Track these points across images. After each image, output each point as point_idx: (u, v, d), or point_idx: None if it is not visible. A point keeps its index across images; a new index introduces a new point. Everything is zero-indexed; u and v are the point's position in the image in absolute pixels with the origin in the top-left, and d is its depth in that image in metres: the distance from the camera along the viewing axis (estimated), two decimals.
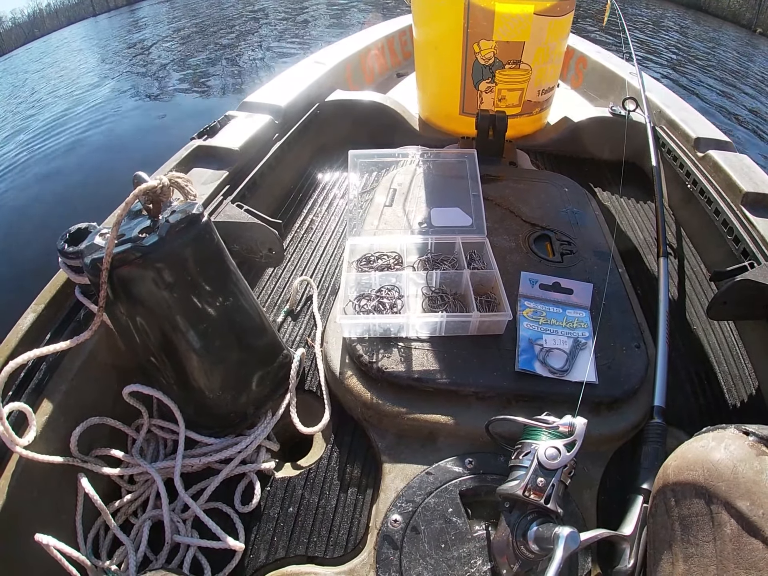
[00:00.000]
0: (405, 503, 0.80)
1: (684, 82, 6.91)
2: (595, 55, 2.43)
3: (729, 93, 6.71)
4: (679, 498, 0.61)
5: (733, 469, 0.55)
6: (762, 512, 0.51)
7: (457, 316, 0.94)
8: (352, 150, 1.20)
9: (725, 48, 9.46)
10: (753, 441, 0.58)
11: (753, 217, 1.25)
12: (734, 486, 0.54)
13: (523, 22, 1.54)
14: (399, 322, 0.94)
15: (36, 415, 0.79)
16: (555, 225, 1.24)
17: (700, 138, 1.57)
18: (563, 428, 0.70)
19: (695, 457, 0.61)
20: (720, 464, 0.57)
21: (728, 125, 5.42)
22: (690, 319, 1.25)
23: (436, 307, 1.00)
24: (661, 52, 8.32)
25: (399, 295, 1.02)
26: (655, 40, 9.18)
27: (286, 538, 0.83)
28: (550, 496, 0.67)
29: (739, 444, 0.58)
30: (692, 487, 0.59)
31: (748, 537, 0.52)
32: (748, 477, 0.54)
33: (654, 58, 7.82)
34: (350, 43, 2.46)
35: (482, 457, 0.85)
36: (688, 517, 0.59)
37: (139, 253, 0.72)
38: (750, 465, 0.55)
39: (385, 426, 0.91)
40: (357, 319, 0.95)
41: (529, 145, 1.86)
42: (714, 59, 8.38)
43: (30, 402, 0.79)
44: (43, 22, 14.74)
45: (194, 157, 1.34)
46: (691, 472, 0.59)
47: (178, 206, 0.78)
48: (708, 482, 0.57)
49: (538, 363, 0.90)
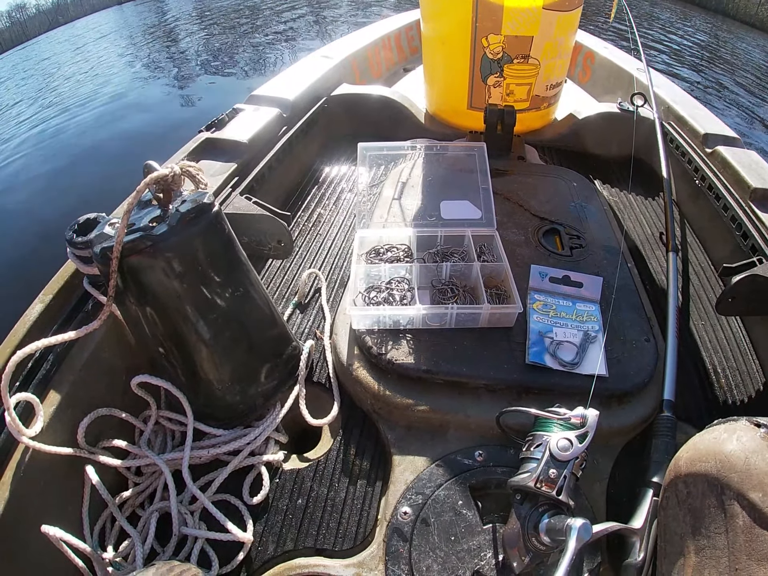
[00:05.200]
0: (415, 495, 0.80)
1: (694, 78, 6.89)
2: (602, 51, 2.41)
3: (739, 89, 6.68)
4: (691, 490, 0.60)
5: (746, 461, 0.55)
6: None
7: (468, 308, 0.94)
8: (362, 143, 1.20)
9: (735, 45, 9.41)
10: (765, 433, 0.57)
11: (761, 213, 1.25)
12: (747, 477, 0.54)
13: (531, 17, 1.53)
14: (409, 314, 0.94)
15: (43, 405, 0.78)
16: (564, 219, 1.24)
17: (709, 134, 1.57)
18: (575, 419, 0.70)
19: (707, 449, 0.60)
20: (732, 455, 0.56)
21: (738, 121, 5.40)
22: (699, 314, 1.24)
23: (446, 299, 0.99)
24: (673, 49, 8.30)
25: (409, 287, 1.01)
26: (669, 37, 9.16)
27: (295, 530, 0.82)
28: (562, 488, 0.67)
29: (751, 436, 0.57)
30: (704, 479, 0.58)
31: (760, 529, 0.51)
32: (761, 468, 0.53)
33: (665, 55, 7.79)
34: (358, 37, 2.46)
35: (492, 449, 0.85)
36: (700, 508, 0.58)
37: (150, 242, 0.71)
38: (762, 456, 0.54)
39: (394, 418, 0.91)
40: (367, 310, 0.94)
41: (537, 140, 1.86)
42: (726, 56, 8.35)
43: (37, 392, 0.79)
44: (67, 9, 14.84)
45: (203, 150, 1.34)
46: (704, 464, 0.59)
47: (188, 196, 0.78)
48: (720, 473, 0.56)
49: (549, 356, 0.89)
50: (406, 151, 1.26)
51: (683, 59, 7.92)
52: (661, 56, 7.77)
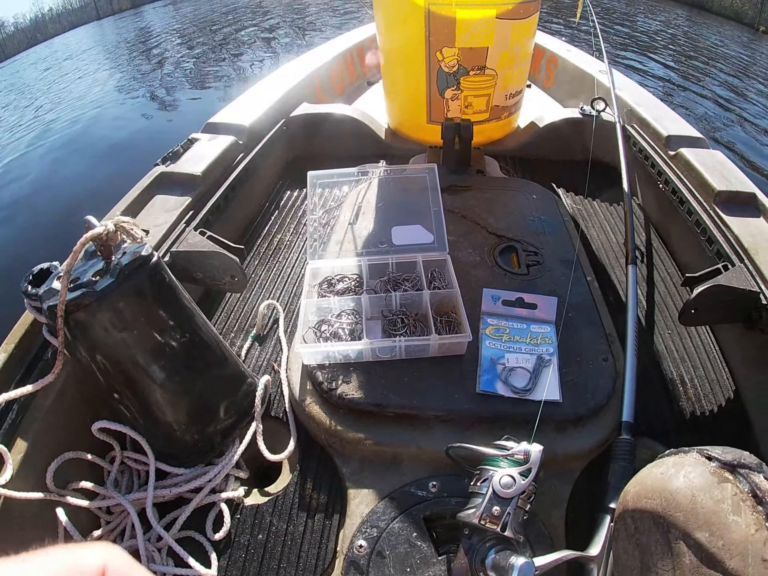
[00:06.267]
0: (370, 528, 0.80)
1: (667, 74, 6.90)
2: (565, 54, 2.40)
3: (714, 83, 6.71)
4: (638, 525, 0.59)
5: (692, 499, 0.54)
6: (722, 543, 0.50)
7: (416, 340, 0.93)
8: (311, 171, 1.19)
9: (714, 41, 9.45)
10: (715, 467, 0.56)
11: (726, 216, 1.23)
12: (692, 516, 0.53)
13: (485, 28, 1.53)
14: (358, 348, 0.93)
15: (11, 453, 0.80)
16: (522, 235, 1.23)
17: (672, 136, 1.55)
18: (519, 455, 0.70)
19: (654, 485, 0.59)
20: (678, 494, 0.55)
21: (713, 117, 5.41)
22: (666, 323, 1.23)
23: (396, 330, 0.98)
24: (641, 47, 8.32)
25: (358, 320, 1.00)
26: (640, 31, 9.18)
27: (257, 565, 0.83)
28: (506, 524, 0.67)
29: (700, 471, 0.56)
30: (650, 516, 0.57)
31: (707, 569, 0.50)
32: (708, 507, 0.52)
33: (630, 53, 7.81)
34: (317, 54, 2.43)
35: (446, 480, 0.84)
36: (647, 544, 0.58)
37: (93, 298, 0.74)
38: (710, 494, 0.53)
39: (348, 452, 0.91)
40: (316, 347, 0.94)
41: (498, 151, 1.85)
42: (700, 49, 8.38)
43: (5, 441, 0.80)
44: (45, 26, 14.80)
45: (157, 185, 1.33)
46: (649, 501, 0.58)
47: (129, 248, 0.79)
48: (666, 512, 0.55)
49: (500, 383, 0.89)
50: (358, 177, 1.23)
51: (656, 53, 7.94)
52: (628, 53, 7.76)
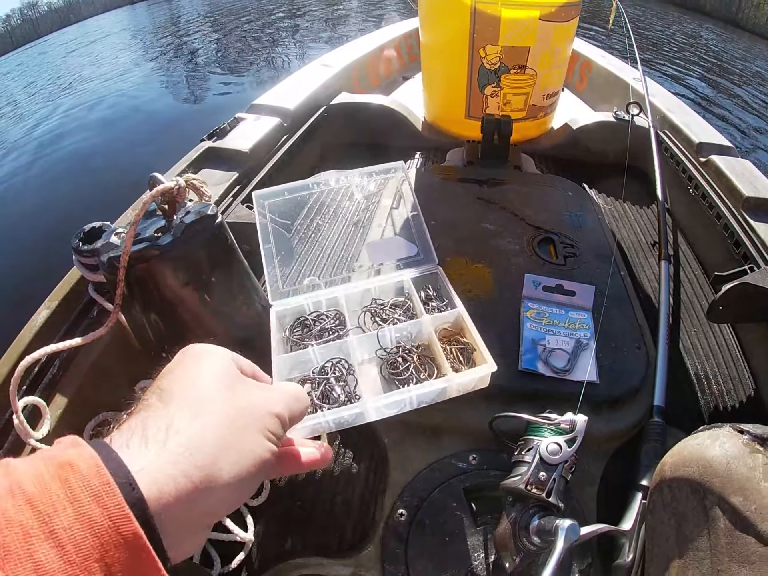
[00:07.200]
0: (411, 497, 0.82)
1: (697, 85, 6.92)
2: (599, 60, 2.44)
3: (743, 98, 6.71)
4: (675, 494, 0.62)
5: (727, 466, 0.56)
6: (754, 507, 0.52)
7: (428, 385, 0.76)
8: (256, 190, 1.01)
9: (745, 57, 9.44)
10: (747, 439, 0.59)
11: (753, 221, 1.27)
12: (727, 482, 0.55)
13: (528, 28, 1.56)
14: (355, 412, 0.74)
15: (50, 409, 0.80)
16: (558, 228, 1.26)
17: (703, 143, 1.59)
18: (564, 425, 0.72)
19: (691, 454, 0.62)
20: (714, 461, 0.58)
21: (740, 129, 5.42)
22: (691, 321, 1.26)
23: (397, 373, 0.82)
24: (671, 58, 8.33)
25: (348, 370, 0.81)
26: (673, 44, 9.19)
27: (294, 531, 0.84)
28: (551, 491, 0.69)
29: (733, 442, 0.59)
30: (687, 484, 0.60)
31: (740, 532, 0.53)
32: (741, 473, 0.55)
33: (662, 63, 7.83)
34: (357, 46, 2.49)
35: (486, 453, 0.87)
36: (684, 512, 0.60)
37: (156, 252, 0.74)
38: (743, 462, 0.56)
39: (390, 422, 0.93)
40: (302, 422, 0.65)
41: (533, 149, 1.88)
42: (732, 66, 8.38)
43: (44, 396, 0.81)
44: (79, 7, 14.98)
45: (204, 159, 1.37)
46: (687, 469, 0.61)
47: (192, 207, 0.80)
48: (703, 478, 0.58)
49: (541, 362, 0.92)
50: (312, 190, 1.01)
51: (686, 64, 7.96)
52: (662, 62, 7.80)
